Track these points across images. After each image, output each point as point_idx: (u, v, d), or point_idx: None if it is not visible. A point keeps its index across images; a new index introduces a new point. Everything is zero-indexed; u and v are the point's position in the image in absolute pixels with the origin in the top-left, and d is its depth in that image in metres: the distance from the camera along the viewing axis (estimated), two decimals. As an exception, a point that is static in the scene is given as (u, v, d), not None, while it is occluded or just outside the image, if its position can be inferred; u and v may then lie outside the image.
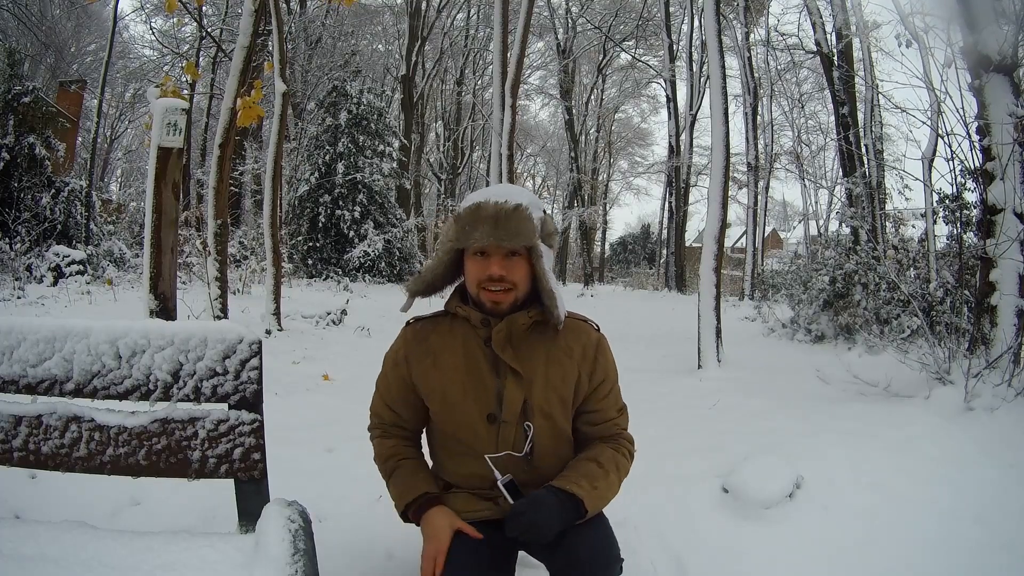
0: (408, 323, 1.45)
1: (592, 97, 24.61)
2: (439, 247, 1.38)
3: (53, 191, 11.30)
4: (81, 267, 9.04)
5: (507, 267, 1.30)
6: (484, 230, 1.26)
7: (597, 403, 1.40)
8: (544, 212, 1.36)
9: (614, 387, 1.43)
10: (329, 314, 6.82)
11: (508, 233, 1.26)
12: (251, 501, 1.38)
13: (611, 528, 1.33)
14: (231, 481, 1.38)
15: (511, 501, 1.28)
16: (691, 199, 21.01)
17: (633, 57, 22.29)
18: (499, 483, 1.30)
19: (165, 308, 3.43)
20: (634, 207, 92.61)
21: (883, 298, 6.09)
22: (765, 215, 19.36)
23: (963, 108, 3.42)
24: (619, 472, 1.36)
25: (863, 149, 9.72)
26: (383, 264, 15.25)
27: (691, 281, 17.93)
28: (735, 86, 15.35)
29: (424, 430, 1.51)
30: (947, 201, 5.24)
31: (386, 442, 1.46)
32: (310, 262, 14.93)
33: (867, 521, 2.01)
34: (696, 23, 16.83)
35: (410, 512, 1.34)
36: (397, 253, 15.61)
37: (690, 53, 17.65)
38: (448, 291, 1.46)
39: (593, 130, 25.71)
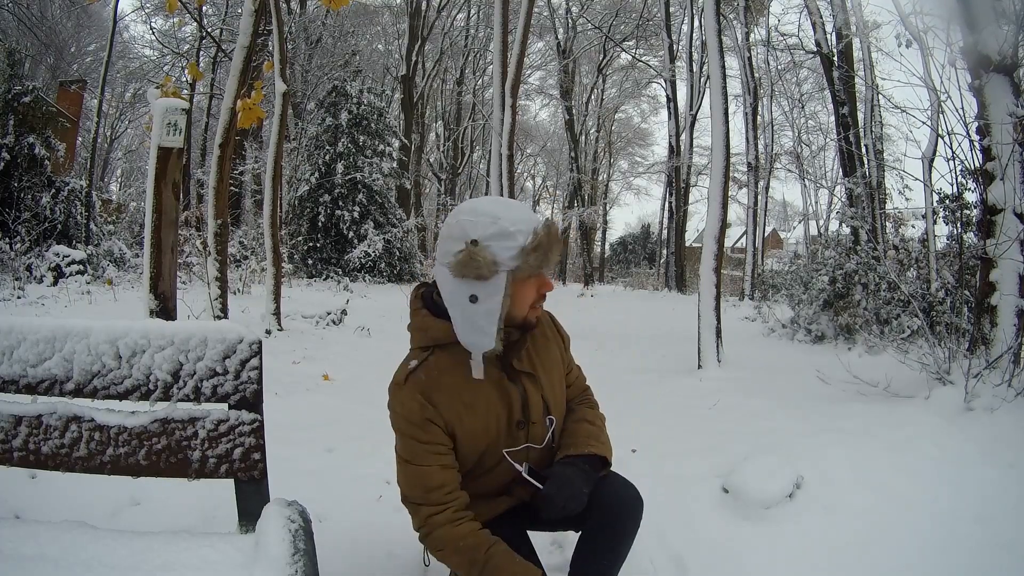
0: (408, 374, 1.32)
1: (592, 97, 24.60)
2: (501, 281, 1.23)
3: (53, 191, 11.30)
4: (81, 267, 9.04)
5: None
6: (557, 249, 1.29)
7: (568, 365, 1.54)
8: None
9: (569, 346, 1.56)
10: (329, 314, 6.81)
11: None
12: (251, 501, 1.38)
13: (631, 482, 1.44)
14: (231, 481, 1.38)
15: (540, 487, 1.33)
16: (691, 199, 20.99)
17: (633, 57, 22.29)
18: (524, 474, 1.34)
19: (165, 308, 3.43)
20: (634, 207, 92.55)
21: (883, 298, 6.09)
22: (765, 215, 19.35)
23: (963, 108, 3.42)
24: (604, 425, 1.50)
25: (863, 149, 9.70)
26: (383, 264, 15.26)
27: (691, 281, 17.93)
28: (735, 86, 15.36)
29: None
30: (947, 201, 5.24)
31: (458, 529, 1.28)
32: (310, 262, 14.94)
33: (867, 521, 2.01)
34: (696, 23, 16.83)
35: None
36: (397, 253, 15.61)
37: (690, 53, 17.64)
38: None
39: (593, 130, 25.70)
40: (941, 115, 3.93)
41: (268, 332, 5.91)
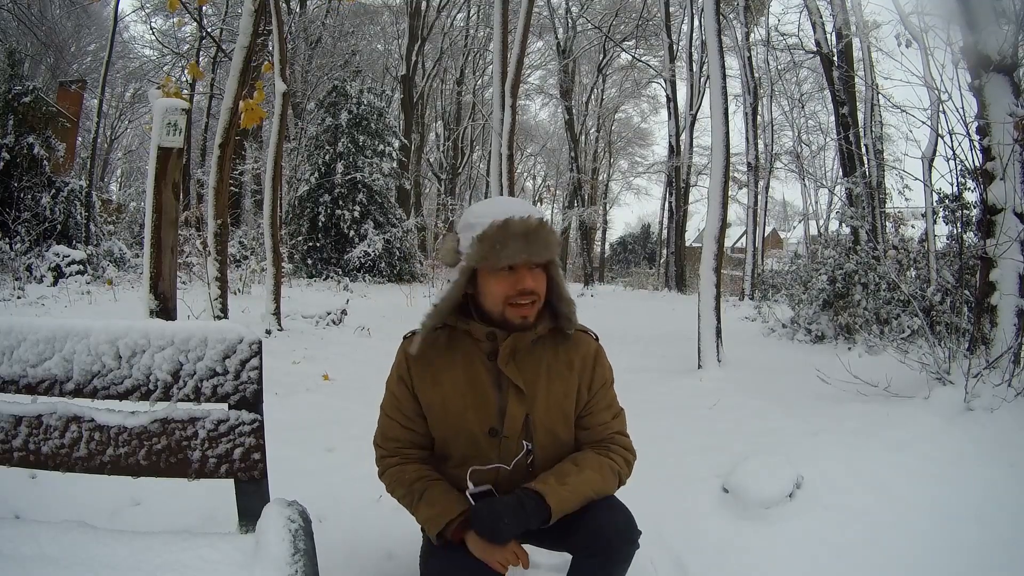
0: (405, 338, 1.46)
1: (592, 97, 24.56)
2: (457, 271, 1.34)
3: (53, 191, 11.30)
4: (81, 267, 9.04)
5: (536, 280, 1.33)
6: (516, 246, 1.28)
7: (590, 407, 1.43)
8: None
9: (609, 392, 1.46)
10: (329, 314, 6.81)
11: (539, 248, 1.30)
12: (251, 501, 1.38)
13: (627, 508, 1.37)
14: (231, 481, 1.38)
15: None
16: (691, 199, 20.97)
17: (633, 57, 22.28)
18: (467, 492, 1.31)
19: (165, 308, 3.43)
20: (634, 207, 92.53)
21: (883, 298, 6.10)
22: (765, 215, 19.31)
23: (963, 108, 3.42)
24: (601, 470, 1.35)
25: (863, 149, 9.70)
26: (383, 264, 15.25)
27: (691, 281, 17.91)
28: (735, 86, 15.32)
29: None
30: (947, 201, 5.24)
31: (407, 467, 1.41)
32: (310, 262, 14.92)
33: (867, 521, 2.01)
34: (696, 23, 16.81)
35: (450, 530, 1.30)
36: (397, 253, 15.60)
37: (690, 53, 17.63)
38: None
39: (593, 130, 25.68)
40: (941, 115, 3.93)
41: (268, 332, 5.90)
